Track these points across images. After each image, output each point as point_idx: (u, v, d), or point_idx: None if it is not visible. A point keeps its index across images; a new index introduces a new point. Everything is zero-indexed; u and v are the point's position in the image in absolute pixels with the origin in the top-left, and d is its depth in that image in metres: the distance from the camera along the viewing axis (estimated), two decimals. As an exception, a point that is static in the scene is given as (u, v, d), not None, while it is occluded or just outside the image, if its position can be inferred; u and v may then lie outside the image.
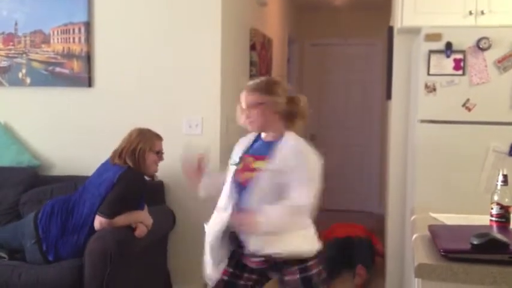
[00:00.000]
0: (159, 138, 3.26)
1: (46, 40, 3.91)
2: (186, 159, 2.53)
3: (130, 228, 3.03)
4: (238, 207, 2.34)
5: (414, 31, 3.38)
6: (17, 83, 3.97)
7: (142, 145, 3.15)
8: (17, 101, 4.01)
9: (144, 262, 3.30)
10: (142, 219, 3.10)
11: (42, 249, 3.01)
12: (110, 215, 2.97)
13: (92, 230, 2.99)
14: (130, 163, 3.11)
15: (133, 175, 3.10)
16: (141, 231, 3.06)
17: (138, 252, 3.12)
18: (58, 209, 3.09)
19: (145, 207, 3.20)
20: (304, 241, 2.39)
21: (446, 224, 2.00)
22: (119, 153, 3.14)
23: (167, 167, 3.31)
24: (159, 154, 3.25)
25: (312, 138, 7.08)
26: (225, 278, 2.43)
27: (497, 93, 3.07)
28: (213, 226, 2.45)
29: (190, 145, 2.67)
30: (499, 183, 1.88)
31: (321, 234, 5.04)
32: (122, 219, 3.01)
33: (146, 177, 3.22)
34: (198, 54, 3.74)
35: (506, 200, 1.86)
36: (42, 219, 3.06)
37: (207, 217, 3.75)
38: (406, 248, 3.66)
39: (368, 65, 6.98)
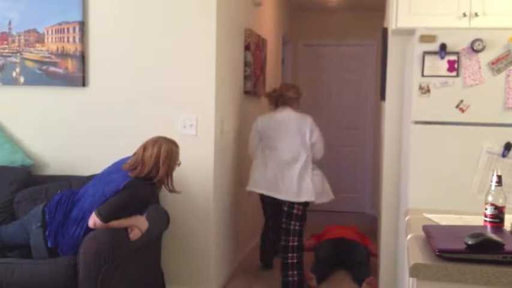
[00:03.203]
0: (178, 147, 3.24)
1: (40, 39, 3.89)
2: None
3: (125, 230, 3.02)
4: None
5: (408, 32, 3.40)
6: (11, 82, 3.95)
7: (172, 161, 3.14)
8: (11, 100, 3.99)
9: (138, 262, 3.29)
10: (138, 225, 3.08)
11: (44, 233, 3.03)
12: (106, 218, 2.95)
13: None
14: (151, 173, 3.07)
15: (142, 186, 3.06)
16: (135, 234, 3.04)
17: (132, 252, 3.11)
18: (65, 199, 3.13)
19: (145, 212, 3.19)
20: None
21: (440, 225, 2.01)
22: (142, 163, 3.08)
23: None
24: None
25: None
26: None
27: (491, 95, 3.10)
28: None
29: None
30: (493, 183, 1.88)
31: (314, 235, 5.08)
32: (116, 223, 2.99)
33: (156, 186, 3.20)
34: (192, 54, 3.74)
35: (500, 200, 1.87)
36: (50, 206, 3.11)
37: (200, 217, 3.79)
38: (399, 248, 3.67)
39: (362, 66, 7.01)
